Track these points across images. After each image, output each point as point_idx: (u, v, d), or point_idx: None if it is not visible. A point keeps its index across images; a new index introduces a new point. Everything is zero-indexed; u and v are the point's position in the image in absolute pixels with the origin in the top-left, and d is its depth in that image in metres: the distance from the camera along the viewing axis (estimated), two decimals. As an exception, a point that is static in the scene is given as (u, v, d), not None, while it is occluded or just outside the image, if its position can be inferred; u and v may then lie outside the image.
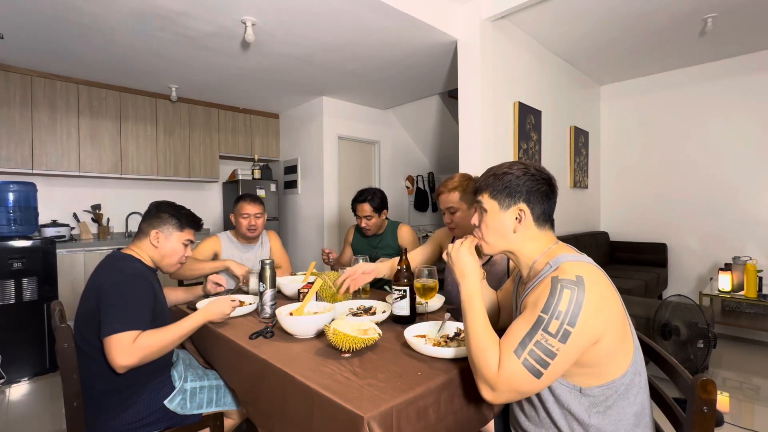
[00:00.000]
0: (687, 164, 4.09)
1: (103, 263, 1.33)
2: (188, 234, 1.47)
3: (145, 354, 1.16)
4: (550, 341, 0.79)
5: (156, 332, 1.22)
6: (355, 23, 2.74)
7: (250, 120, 4.90)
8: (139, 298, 1.24)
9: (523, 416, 0.98)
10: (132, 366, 1.15)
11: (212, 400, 1.37)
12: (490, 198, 0.99)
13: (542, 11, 2.87)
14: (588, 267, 0.86)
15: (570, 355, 0.80)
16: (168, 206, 1.46)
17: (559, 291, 0.81)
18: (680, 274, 4.16)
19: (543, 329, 0.80)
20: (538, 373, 0.80)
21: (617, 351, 0.84)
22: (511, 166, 0.99)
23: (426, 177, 5.76)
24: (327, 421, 0.87)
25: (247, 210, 2.14)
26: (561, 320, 0.79)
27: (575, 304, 0.79)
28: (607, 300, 0.83)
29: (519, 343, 0.82)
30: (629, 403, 0.86)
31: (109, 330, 1.14)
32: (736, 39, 3.42)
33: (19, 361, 2.72)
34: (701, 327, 2.36)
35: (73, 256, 3.36)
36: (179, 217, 1.44)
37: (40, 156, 3.47)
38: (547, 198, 0.97)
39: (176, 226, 1.43)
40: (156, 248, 1.40)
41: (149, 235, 1.40)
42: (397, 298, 1.37)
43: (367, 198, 2.27)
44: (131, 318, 1.18)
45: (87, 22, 2.62)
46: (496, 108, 2.98)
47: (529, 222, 0.95)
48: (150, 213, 1.44)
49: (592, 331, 0.80)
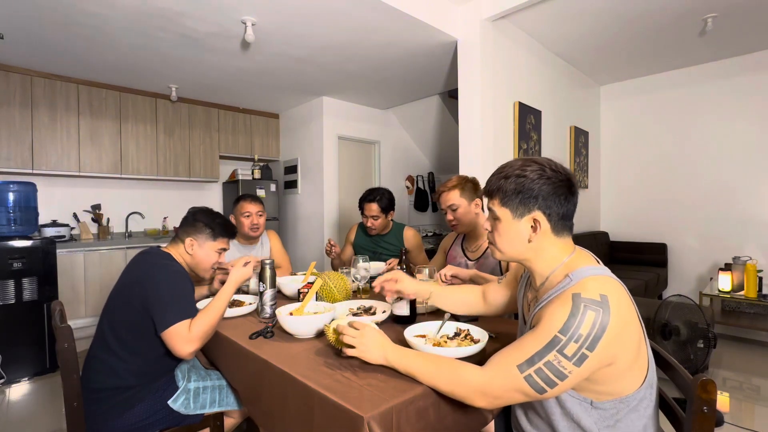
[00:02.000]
0: (687, 164, 4.09)
1: (143, 259, 1.37)
2: (221, 243, 1.52)
3: (203, 336, 1.24)
4: (563, 363, 0.74)
5: (203, 314, 1.28)
6: (355, 23, 2.74)
7: (250, 120, 4.90)
8: (187, 290, 1.32)
9: (525, 420, 0.97)
10: (195, 351, 1.22)
11: (215, 400, 1.37)
12: (501, 205, 0.89)
13: (542, 11, 2.87)
14: (612, 284, 0.79)
15: (580, 377, 0.76)
16: (203, 215, 1.51)
17: (582, 312, 0.74)
18: (680, 274, 4.16)
19: (558, 351, 0.75)
20: (541, 390, 0.77)
21: (629, 370, 0.80)
22: (524, 166, 0.87)
23: (426, 177, 5.75)
24: (327, 421, 0.87)
25: (248, 209, 2.15)
26: (580, 344, 0.73)
27: (599, 328, 0.73)
28: (628, 324, 0.77)
29: (526, 359, 0.77)
30: (639, 416, 0.83)
31: (168, 322, 1.20)
32: (736, 39, 3.42)
33: (19, 361, 2.72)
34: (701, 327, 2.36)
35: (73, 256, 3.36)
36: (213, 226, 1.49)
37: (40, 156, 3.47)
38: (567, 201, 0.86)
39: (210, 236, 1.48)
40: (190, 256, 1.47)
41: (184, 242, 1.46)
42: (397, 298, 1.37)
43: (375, 198, 2.28)
44: (184, 308, 1.25)
45: (87, 22, 2.62)
46: (496, 108, 2.98)
47: (546, 230, 0.87)
48: (186, 220, 1.50)
49: (609, 355, 0.76)
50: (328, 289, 1.61)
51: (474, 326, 1.20)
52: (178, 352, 1.20)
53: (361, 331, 0.99)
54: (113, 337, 1.28)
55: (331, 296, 1.61)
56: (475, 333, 1.17)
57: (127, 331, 1.27)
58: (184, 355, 1.20)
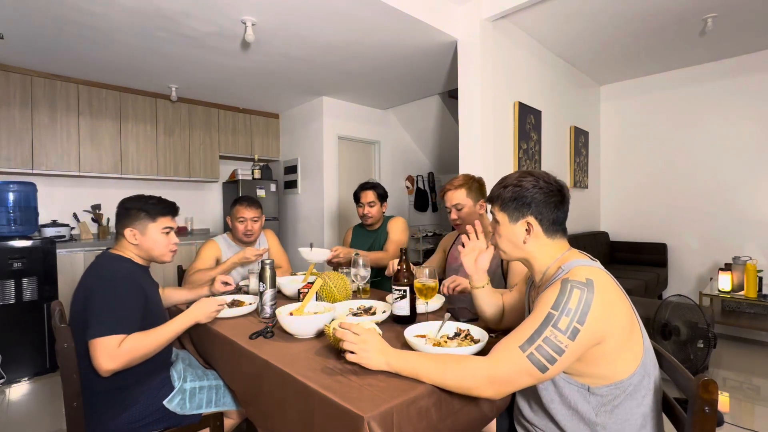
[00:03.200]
0: (687, 164, 4.09)
1: (92, 264, 1.32)
2: (164, 222, 1.41)
3: (130, 358, 1.17)
4: (559, 337, 0.81)
5: (142, 336, 1.21)
6: (355, 23, 2.74)
7: (250, 120, 4.90)
8: (125, 300, 1.23)
9: (528, 409, 1.01)
10: (116, 370, 1.15)
11: (212, 401, 1.37)
12: (500, 210, 1.02)
13: (542, 11, 2.87)
14: (598, 272, 0.88)
15: (575, 353, 0.83)
16: (134, 200, 1.41)
17: (569, 290, 0.84)
18: (680, 274, 4.16)
19: (553, 325, 0.82)
20: (543, 368, 0.82)
21: (621, 352, 0.86)
22: (520, 178, 1.00)
23: (426, 177, 5.75)
24: (327, 421, 0.87)
25: (243, 214, 2.09)
26: (571, 317, 0.81)
27: (584, 303, 0.82)
28: (614, 304, 0.85)
29: (527, 339, 0.84)
30: (637, 404, 0.87)
31: (94, 333, 1.14)
32: (736, 39, 3.42)
33: (19, 361, 2.72)
34: (701, 327, 2.36)
35: (73, 256, 3.36)
36: (146, 208, 1.39)
37: (40, 156, 3.47)
38: (557, 208, 0.98)
39: (147, 218, 1.39)
40: (137, 245, 1.38)
41: (125, 235, 1.37)
42: (397, 298, 1.37)
43: (371, 186, 2.39)
44: (117, 322, 1.18)
45: (87, 22, 2.62)
46: (496, 108, 2.98)
47: (538, 233, 0.98)
48: (119, 213, 1.40)
49: (598, 332, 0.82)
50: (328, 289, 1.61)
51: (474, 326, 1.20)
52: (98, 365, 1.12)
53: (361, 337, 0.99)
54: (82, 345, 1.21)
55: (331, 296, 1.61)
56: (475, 333, 1.17)
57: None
58: (102, 372, 1.13)
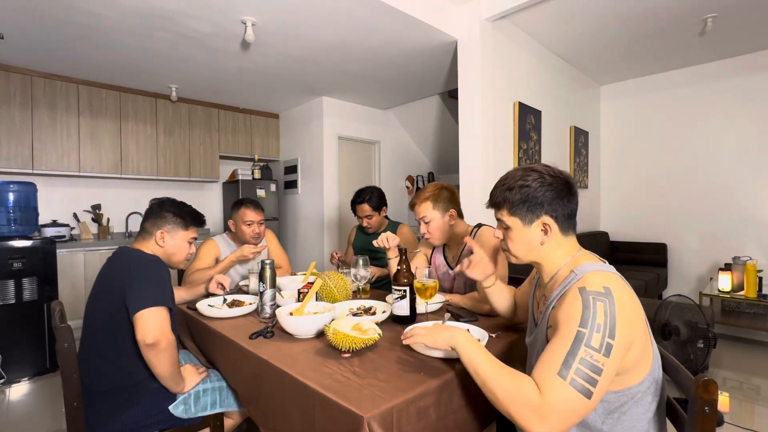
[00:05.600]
0: (687, 164, 4.09)
1: (118, 256, 1.32)
2: (193, 232, 1.47)
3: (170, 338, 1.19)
4: (595, 357, 0.75)
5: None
6: (355, 23, 2.74)
7: (250, 120, 4.90)
8: (168, 282, 1.27)
9: None
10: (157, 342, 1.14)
11: (216, 402, 1.36)
12: (509, 215, 0.96)
13: (542, 11, 2.87)
14: (613, 277, 0.84)
15: (613, 370, 0.77)
16: (171, 205, 1.45)
17: (593, 304, 0.78)
18: (680, 274, 4.16)
19: (585, 344, 0.76)
20: (588, 392, 0.75)
21: (640, 359, 0.82)
22: (525, 176, 0.94)
23: (426, 177, 5.75)
24: (327, 421, 0.87)
25: (251, 217, 2.11)
26: (602, 333, 0.76)
27: (610, 316, 0.77)
28: (634, 310, 0.81)
29: (562, 363, 0.76)
30: (644, 410, 0.84)
31: (140, 306, 1.15)
32: (736, 39, 3.42)
33: (19, 361, 2.72)
34: (701, 327, 2.36)
35: (73, 256, 3.36)
36: (183, 216, 1.44)
37: (40, 156, 3.47)
38: (569, 202, 0.93)
39: (181, 225, 1.43)
40: (162, 248, 1.40)
41: (154, 235, 1.39)
42: (397, 298, 1.37)
43: (365, 199, 2.32)
44: (160, 295, 1.21)
45: (87, 22, 2.62)
46: (496, 108, 2.98)
47: (555, 232, 0.93)
48: (153, 212, 1.42)
49: (626, 342, 0.78)
50: (328, 289, 1.61)
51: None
52: (143, 338, 1.13)
53: (433, 327, 1.00)
54: (98, 339, 1.24)
55: (331, 296, 1.61)
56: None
57: (111, 332, 1.23)
58: (149, 341, 1.13)
